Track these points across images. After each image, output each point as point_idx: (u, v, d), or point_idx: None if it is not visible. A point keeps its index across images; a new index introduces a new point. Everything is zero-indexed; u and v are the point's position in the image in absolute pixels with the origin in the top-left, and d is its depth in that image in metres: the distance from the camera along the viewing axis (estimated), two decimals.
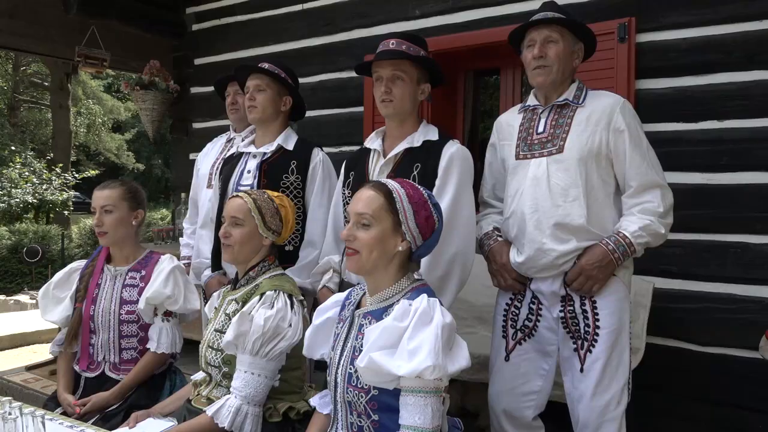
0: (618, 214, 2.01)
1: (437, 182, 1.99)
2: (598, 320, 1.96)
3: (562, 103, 2.05)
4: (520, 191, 2.06)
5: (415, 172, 2.01)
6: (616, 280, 1.98)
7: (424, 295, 1.44)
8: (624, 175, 1.98)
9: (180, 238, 3.31)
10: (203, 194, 2.94)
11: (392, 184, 1.56)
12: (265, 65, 2.42)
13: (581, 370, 1.98)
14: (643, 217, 1.93)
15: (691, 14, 2.87)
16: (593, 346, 1.96)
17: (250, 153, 2.46)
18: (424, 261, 1.86)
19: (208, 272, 2.51)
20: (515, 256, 2.08)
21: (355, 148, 3.84)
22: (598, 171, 1.98)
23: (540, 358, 2.09)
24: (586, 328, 1.97)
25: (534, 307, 2.09)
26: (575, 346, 2.00)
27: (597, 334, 1.96)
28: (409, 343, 1.36)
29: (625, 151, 1.95)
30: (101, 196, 2.24)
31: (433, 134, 2.09)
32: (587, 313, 1.97)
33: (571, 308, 2.00)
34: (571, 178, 1.97)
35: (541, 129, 2.07)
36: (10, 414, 1.41)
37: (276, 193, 2.03)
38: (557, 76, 2.01)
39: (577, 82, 2.08)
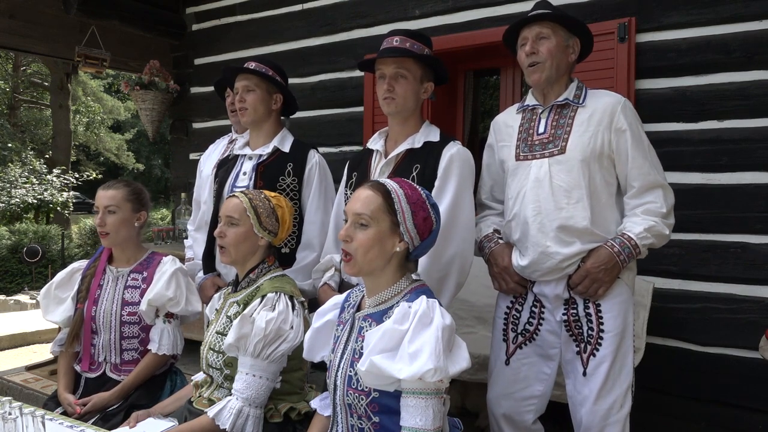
0: (620, 215, 1.99)
1: (437, 183, 1.97)
2: (602, 323, 1.93)
3: (562, 103, 2.02)
4: (521, 193, 2.02)
5: (414, 173, 1.99)
6: (619, 282, 1.95)
7: (423, 297, 1.43)
8: (626, 175, 1.95)
9: (184, 240, 3.31)
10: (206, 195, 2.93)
11: (390, 184, 1.54)
12: (252, 65, 2.39)
13: (584, 374, 1.95)
14: (647, 218, 1.91)
15: (691, 14, 2.87)
16: (597, 350, 1.93)
17: (245, 155, 2.43)
18: (422, 262, 1.85)
19: (201, 274, 2.49)
20: (518, 260, 2.04)
21: (355, 148, 3.87)
22: (601, 172, 1.95)
23: (541, 362, 2.06)
24: (590, 332, 1.94)
25: (536, 310, 2.05)
26: (578, 349, 1.97)
27: (601, 338, 1.93)
28: (409, 346, 1.35)
29: (627, 151, 1.93)
30: (105, 196, 2.22)
31: (434, 135, 2.06)
32: (591, 316, 1.94)
33: (575, 311, 1.97)
34: (574, 179, 1.93)
35: (542, 129, 2.03)
36: (10, 414, 1.40)
37: (273, 193, 2.01)
38: (551, 72, 1.98)
39: (576, 81, 2.05)
